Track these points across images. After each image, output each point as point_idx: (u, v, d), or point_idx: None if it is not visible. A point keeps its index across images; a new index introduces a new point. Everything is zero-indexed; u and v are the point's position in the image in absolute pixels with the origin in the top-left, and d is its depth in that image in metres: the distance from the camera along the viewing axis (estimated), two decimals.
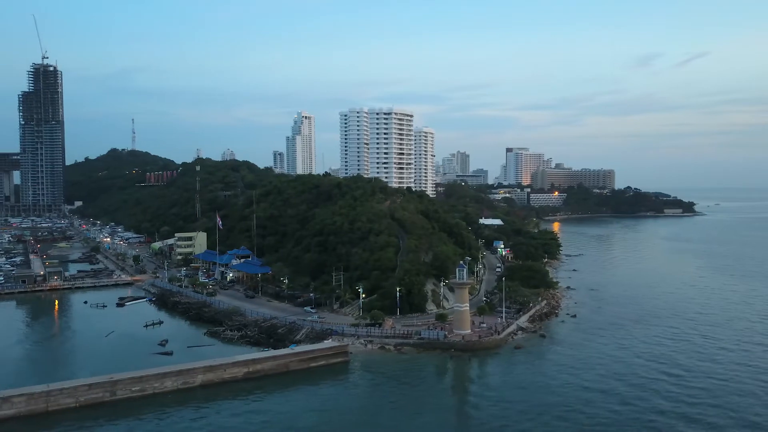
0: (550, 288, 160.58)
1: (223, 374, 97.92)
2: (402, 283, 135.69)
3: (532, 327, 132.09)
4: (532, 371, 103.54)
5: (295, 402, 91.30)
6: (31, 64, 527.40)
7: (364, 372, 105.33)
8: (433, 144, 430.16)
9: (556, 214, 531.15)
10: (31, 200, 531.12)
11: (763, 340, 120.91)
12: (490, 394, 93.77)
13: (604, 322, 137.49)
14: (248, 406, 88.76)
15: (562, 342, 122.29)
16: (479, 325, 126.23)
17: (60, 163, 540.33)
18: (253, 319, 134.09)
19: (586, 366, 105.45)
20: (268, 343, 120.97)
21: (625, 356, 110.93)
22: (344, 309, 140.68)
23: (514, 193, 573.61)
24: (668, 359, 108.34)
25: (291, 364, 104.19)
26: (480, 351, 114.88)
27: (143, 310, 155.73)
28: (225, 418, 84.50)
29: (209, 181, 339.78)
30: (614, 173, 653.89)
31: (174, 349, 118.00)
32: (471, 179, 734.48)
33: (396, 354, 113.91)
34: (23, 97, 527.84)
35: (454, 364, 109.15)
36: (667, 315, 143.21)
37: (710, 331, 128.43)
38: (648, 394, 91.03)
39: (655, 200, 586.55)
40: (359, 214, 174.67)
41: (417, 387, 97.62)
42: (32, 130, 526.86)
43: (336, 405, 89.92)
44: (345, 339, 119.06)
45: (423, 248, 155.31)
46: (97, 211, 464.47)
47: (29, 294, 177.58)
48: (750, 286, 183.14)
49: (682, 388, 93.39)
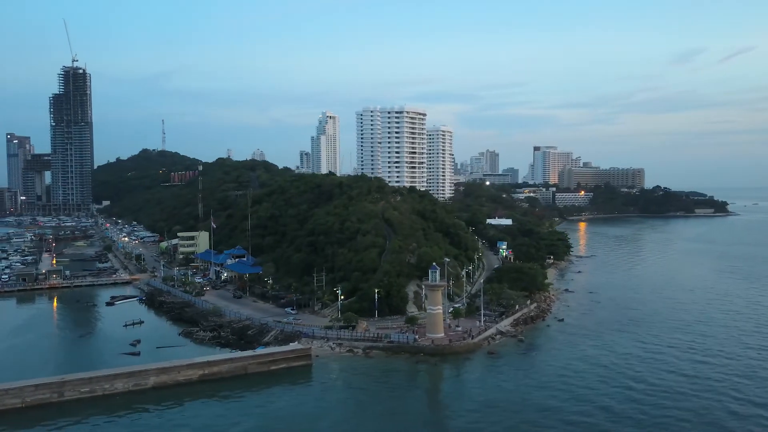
0: (541, 290, 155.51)
1: (177, 376, 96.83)
2: (380, 285, 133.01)
3: (513, 331, 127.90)
4: (495, 378, 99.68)
5: (241, 406, 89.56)
6: (62, 67, 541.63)
7: (325, 376, 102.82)
8: (452, 143, 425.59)
9: (581, 214, 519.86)
10: (61, 199, 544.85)
11: (743, 354, 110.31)
12: (444, 401, 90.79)
13: (590, 327, 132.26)
14: (190, 411, 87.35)
15: (539, 347, 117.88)
16: (454, 328, 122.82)
17: (89, 163, 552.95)
18: (228, 319, 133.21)
19: (551, 374, 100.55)
20: (238, 345, 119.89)
21: (591, 366, 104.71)
22: (324, 311, 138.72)
23: (539, 193, 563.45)
24: (632, 370, 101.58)
25: (249, 367, 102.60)
26: (450, 356, 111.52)
27: (131, 309, 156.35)
28: (164, 421, 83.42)
29: (223, 181, 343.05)
30: (644, 172, 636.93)
31: (145, 349, 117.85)
32: (498, 178, 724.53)
33: (363, 358, 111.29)
34: (54, 100, 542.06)
35: (419, 369, 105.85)
36: (658, 321, 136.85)
37: (694, 340, 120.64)
38: (591, 409, 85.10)
39: (685, 200, 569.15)
40: (350, 214, 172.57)
41: (373, 393, 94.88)
42: (62, 132, 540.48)
43: (283, 409, 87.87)
44: (315, 342, 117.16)
45: (408, 249, 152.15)
46: (123, 211, 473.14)
47: (28, 292, 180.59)
48: (760, 291, 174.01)
49: (628, 404, 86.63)
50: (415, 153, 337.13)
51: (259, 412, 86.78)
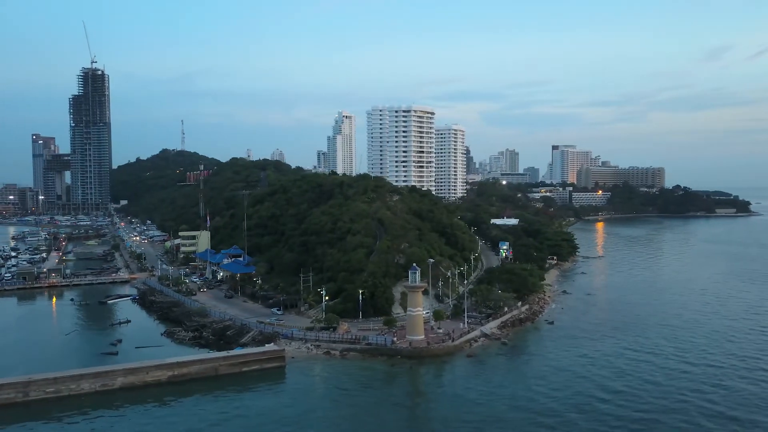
0: (534, 292, 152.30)
1: (146, 377, 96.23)
2: (365, 286, 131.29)
3: (499, 334, 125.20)
4: (466, 382, 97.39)
5: (207, 407, 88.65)
6: (81, 68, 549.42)
7: (297, 378, 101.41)
8: (464, 141, 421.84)
9: (598, 214, 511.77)
10: (80, 199, 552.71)
11: (724, 363, 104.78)
12: (410, 404, 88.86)
13: (579, 330, 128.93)
14: (155, 412, 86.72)
15: (521, 351, 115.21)
16: (435, 330, 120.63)
17: (107, 163, 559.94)
18: (211, 320, 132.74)
19: (522, 380, 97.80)
20: (217, 345, 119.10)
21: (565, 372, 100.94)
22: (310, 312, 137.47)
23: (555, 192, 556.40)
24: (604, 378, 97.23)
25: (221, 368, 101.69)
26: (428, 358, 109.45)
27: (123, 308, 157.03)
28: (126, 423, 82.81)
29: (232, 180, 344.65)
30: (664, 171, 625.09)
31: (125, 349, 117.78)
32: (517, 177, 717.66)
33: (339, 360, 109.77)
34: (73, 100, 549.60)
35: (393, 372, 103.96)
36: (649, 325, 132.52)
37: (679, 346, 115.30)
38: (548, 420, 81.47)
39: (706, 199, 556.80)
40: (343, 214, 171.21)
41: (342, 396, 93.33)
42: (81, 132, 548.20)
43: (250, 411, 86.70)
44: (293, 343, 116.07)
45: (398, 249, 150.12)
46: (139, 210, 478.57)
47: (27, 290, 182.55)
48: (765, 294, 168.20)
49: (587, 414, 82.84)
50: (423, 152, 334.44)
51: (224, 414, 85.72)
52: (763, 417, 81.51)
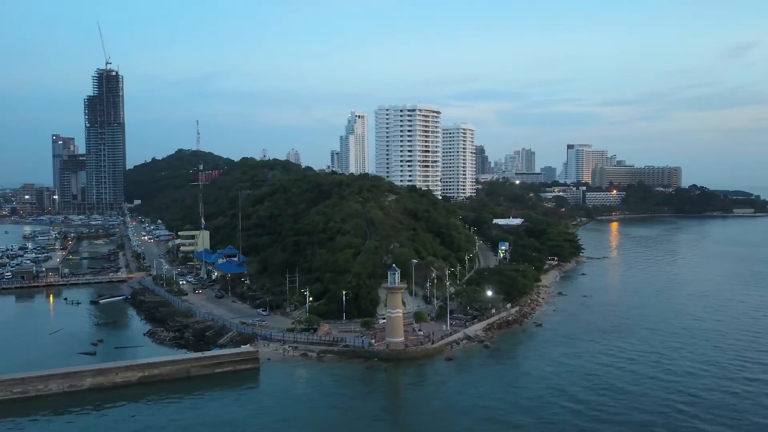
0: (524, 294, 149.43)
1: (115, 378, 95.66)
2: (349, 287, 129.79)
3: (483, 336, 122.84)
4: (439, 388, 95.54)
5: (173, 409, 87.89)
6: (95, 70, 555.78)
7: (270, 380, 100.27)
8: (473, 141, 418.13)
9: (611, 214, 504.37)
10: (95, 199, 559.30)
11: (703, 372, 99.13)
12: (377, 408, 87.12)
13: (566, 334, 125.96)
14: (120, 413, 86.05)
15: (503, 354, 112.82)
16: (416, 332, 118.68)
17: (121, 163, 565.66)
18: (193, 320, 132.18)
19: (495, 385, 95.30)
20: (197, 346, 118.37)
21: (538, 378, 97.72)
22: (295, 312, 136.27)
23: (569, 192, 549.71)
24: (577, 385, 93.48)
25: (192, 369, 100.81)
26: (404, 361, 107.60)
27: (114, 308, 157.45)
28: (89, 425, 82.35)
29: (239, 180, 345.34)
30: (681, 170, 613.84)
31: (105, 349, 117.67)
32: (532, 177, 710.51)
33: (316, 362, 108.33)
34: (88, 101, 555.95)
35: (367, 375, 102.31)
36: (640, 328, 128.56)
37: (662, 351, 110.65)
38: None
39: (723, 199, 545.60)
40: (335, 214, 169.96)
41: (313, 398, 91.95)
42: (96, 133, 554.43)
43: (218, 413, 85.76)
44: (271, 344, 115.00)
45: (386, 250, 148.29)
46: (152, 210, 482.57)
47: (25, 289, 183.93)
48: (766, 298, 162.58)
49: (547, 425, 79.95)
50: (428, 152, 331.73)
51: (190, 416, 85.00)
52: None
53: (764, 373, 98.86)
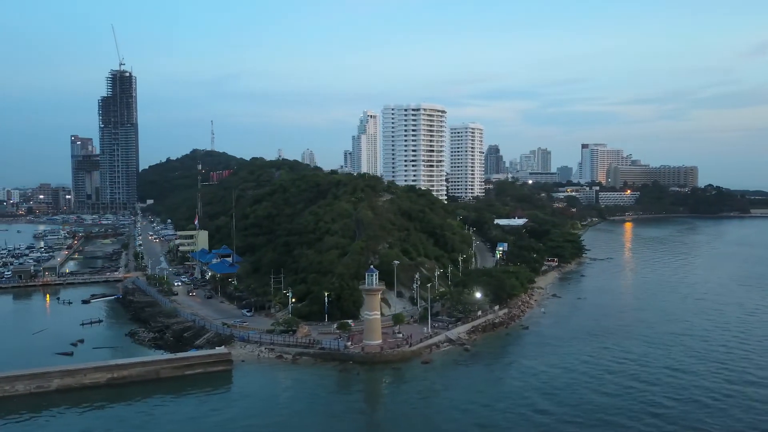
0: (514, 296, 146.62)
1: (83, 379, 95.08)
2: (331, 288, 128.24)
3: (465, 339, 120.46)
4: (408, 392, 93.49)
5: (140, 411, 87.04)
6: (109, 71, 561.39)
7: (241, 383, 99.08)
8: (482, 141, 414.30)
9: (625, 214, 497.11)
10: (108, 198, 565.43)
11: (677, 382, 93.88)
12: (340, 411, 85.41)
13: (551, 337, 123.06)
14: (81, 415, 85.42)
15: (481, 358, 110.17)
16: (394, 334, 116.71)
17: (134, 163, 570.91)
18: (175, 321, 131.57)
19: (464, 391, 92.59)
20: (175, 347, 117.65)
21: (513, 383, 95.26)
22: (279, 313, 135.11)
23: (582, 192, 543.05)
24: (550, 392, 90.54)
25: (162, 371, 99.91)
26: (380, 364, 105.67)
27: (104, 308, 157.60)
28: (47, 427, 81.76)
29: (245, 180, 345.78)
30: (697, 170, 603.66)
31: (84, 349, 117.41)
32: (546, 177, 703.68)
33: (290, 364, 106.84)
34: (102, 102, 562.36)
35: (340, 378, 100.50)
36: (627, 332, 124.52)
37: (646, 359, 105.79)
38: None
39: (740, 199, 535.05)
40: (326, 214, 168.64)
41: (281, 401, 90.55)
42: (110, 133, 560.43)
43: (182, 415, 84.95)
44: (248, 346, 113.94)
45: (373, 250, 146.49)
46: (163, 210, 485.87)
47: (21, 288, 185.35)
48: (766, 302, 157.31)
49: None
50: (433, 151, 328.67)
51: (154, 418, 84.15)
52: None
53: (743, 383, 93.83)
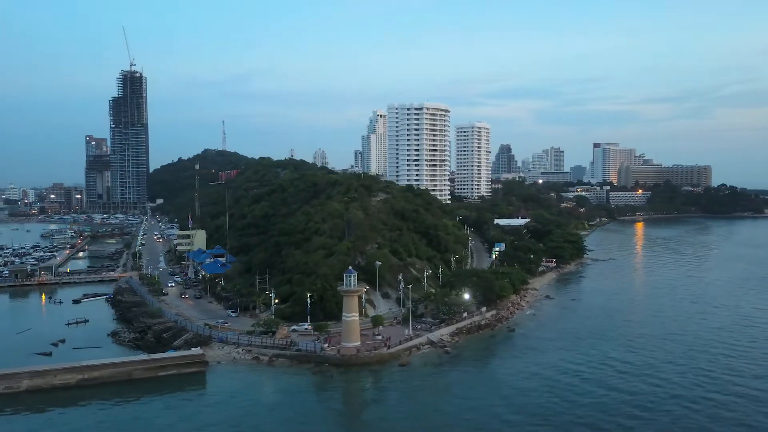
0: (502, 297, 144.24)
1: (53, 380, 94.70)
2: (313, 288, 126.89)
3: (448, 341, 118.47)
4: (380, 395, 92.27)
5: (107, 412, 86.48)
6: (120, 71, 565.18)
7: (215, 384, 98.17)
8: (488, 140, 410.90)
9: (636, 214, 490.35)
10: (119, 198, 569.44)
11: (660, 391, 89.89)
12: (308, 415, 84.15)
13: (535, 339, 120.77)
14: (37, 418, 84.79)
15: (461, 361, 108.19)
16: (374, 336, 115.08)
17: (144, 163, 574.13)
18: (157, 321, 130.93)
19: (431, 395, 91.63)
20: (156, 347, 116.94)
21: (488, 390, 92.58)
22: (263, 314, 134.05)
23: (592, 191, 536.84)
24: (526, 398, 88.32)
25: (135, 372, 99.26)
26: (356, 367, 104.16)
27: (94, 307, 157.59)
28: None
29: (250, 180, 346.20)
30: (711, 169, 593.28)
31: (64, 350, 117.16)
32: (558, 177, 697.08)
33: (265, 366, 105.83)
34: (113, 102, 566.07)
35: (313, 381, 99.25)
36: (613, 336, 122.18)
37: (624, 366, 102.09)
38: None
39: (754, 199, 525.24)
40: (316, 214, 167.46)
41: (251, 404, 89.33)
42: (120, 133, 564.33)
43: (149, 417, 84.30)
44: (226, 347, 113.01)
45: (360, 251, 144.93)
46: (172, 209, 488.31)
47: (18, 288, 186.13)
48: (762, 305, 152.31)
49: None
50: (436, 150, 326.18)
51: (122, 420, 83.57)
52: None
53: (716, 392, 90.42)
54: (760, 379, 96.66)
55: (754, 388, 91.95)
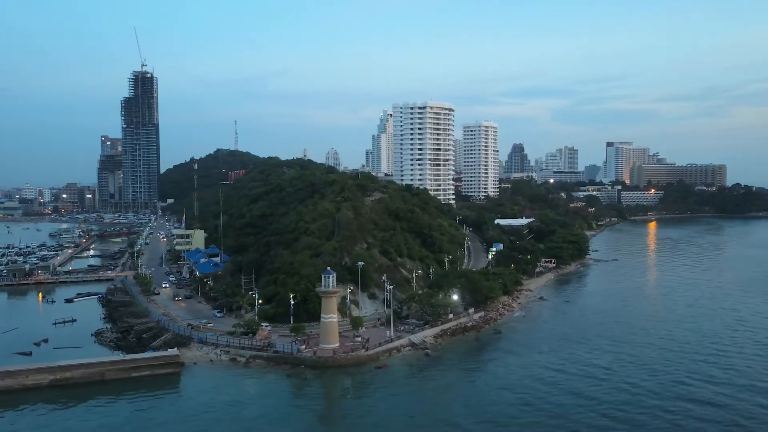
0: (490, 298, 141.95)
1: (25, 381, 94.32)
2: (296, 289, 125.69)
3: (432, 343, 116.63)
4: (353, 398, 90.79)
5: (76, 413, 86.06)
6: (131, 72, 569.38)
7: (188, 385, 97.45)
8: (496, 139, 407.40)
9: (648, 214, 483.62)
10: (130, 197, 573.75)
11: (632, 400, 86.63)
12: (276, 417, 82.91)
13: (521, 343, 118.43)
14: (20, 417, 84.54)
15: (440, 364, 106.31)
16: (354, 338, 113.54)
17: (155, 163, 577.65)
18: (140, 321, 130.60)
19: (414, 399, 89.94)
20: (136, 348, 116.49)
21: (461, 394, 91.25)
22: (247, 315, 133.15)
23: (603, 191, 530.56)
24: (499, 406, 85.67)
25: (107, 373, 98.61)
26: (332, 369, 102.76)
27: (85, 307, 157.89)
28: None
29: (255, 179, 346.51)
30: (726, 168, 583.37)
31: (45, 349, 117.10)
32: (571, 176, 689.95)
33: (242, 367, 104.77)
34: (125, 103, 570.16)
35: (287, 383, 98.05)
36: (604, 338, 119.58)
37: (604, 373, 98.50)
38: None
39: None
40: (307, 214, 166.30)
41: (224, 406, 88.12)
42: (132, 133, 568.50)
43: (116, 419, 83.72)
44: (204, 348, 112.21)
45: (348, 251, 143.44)
46: (182, 209, 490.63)
47: (15, 287, 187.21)
48: (761, 309, 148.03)
49: None
50: (439, 150, 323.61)
51: (89, 421, 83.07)
52: None
53: (689, 401, 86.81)
54: (733, 386, 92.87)
55: (737, 398, 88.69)
